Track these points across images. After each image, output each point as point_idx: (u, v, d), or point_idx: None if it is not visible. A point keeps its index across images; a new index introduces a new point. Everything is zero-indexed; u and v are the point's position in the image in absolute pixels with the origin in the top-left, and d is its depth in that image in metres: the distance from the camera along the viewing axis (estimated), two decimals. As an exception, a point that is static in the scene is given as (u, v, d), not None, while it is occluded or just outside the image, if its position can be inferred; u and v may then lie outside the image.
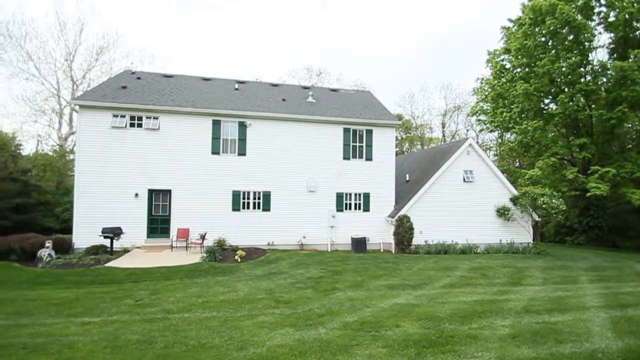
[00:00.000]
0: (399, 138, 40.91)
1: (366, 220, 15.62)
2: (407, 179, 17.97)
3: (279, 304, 6.95)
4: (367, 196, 15.77)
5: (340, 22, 57.28)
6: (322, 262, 11.92)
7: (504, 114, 23.64)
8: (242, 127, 14.92)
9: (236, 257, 12.10)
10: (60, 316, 6.17)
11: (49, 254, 11.17)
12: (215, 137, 14.68)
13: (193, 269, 10.43)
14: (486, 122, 27.99)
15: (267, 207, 14.91)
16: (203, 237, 13.15)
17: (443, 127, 41.40)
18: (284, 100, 16.92)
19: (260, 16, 56.54)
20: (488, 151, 34.50)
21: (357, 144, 15.92)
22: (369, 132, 16.01)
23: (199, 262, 11.25)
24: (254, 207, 14.87)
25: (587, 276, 10.81)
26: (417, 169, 18.62)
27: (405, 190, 16.81)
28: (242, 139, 14.91)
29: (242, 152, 14.87)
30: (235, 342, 4.87)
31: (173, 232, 13.91)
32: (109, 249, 12.44)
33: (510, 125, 24.08)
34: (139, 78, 16.80)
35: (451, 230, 15.35)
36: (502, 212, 15.84)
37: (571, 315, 6.30)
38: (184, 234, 13.67)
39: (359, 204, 15.76)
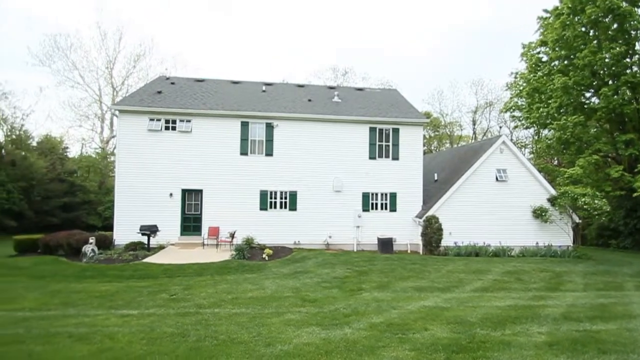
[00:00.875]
0: (427, 136, 39.91)
1: (393, 221, 15.42)
2: (436, 178, 17.52)
3: (305, 303, 7.03)
4: (393, 196, 15.55)
5: (366, 20, 56.82)
6: (348, 262, 11.91)
7: (541, 109, 22.36)
8: (269, 128, 15.21)
9: (264, 256, 12.36)
10: (102, 308, 6.61)
11: (92, 250, 11.99)
12: (244, 139, 15.07)
13: (223, 266, 10.78)
14: (521, 119, 26.62)
15: (293, 207, 15.11)
16: (232, 236, 13.55)
17: (474, 125, 39.89)
18: (309, 100, 17.05)
19: (288, 18, 57.27)
20: (523, 149, 32.81)
21: (384, 143, 15.74)
22: (396, 131, 15.77)
23: (228, 260, 11.62)
24: (281, 207, 15.12)
25: (633, 282, 10.02)
26: (446, 168, 18.11)
27: (433, 190, 16.41)
28: (269, 140, 15.20)
29: (269, 153, 15.16)
30: (263, 338, 4.98)
31: (204, 230, 14.45)
32: (146, 246, 13.14)
33: (547, 121, 22.74)
34: (173, 83, 17.60)
35: (483, 232, 14.78)
36: (539, 213, 15.03)
37: (616, 324, 5.88)
38: (214, 232, 14.16)
39: (386, 203, 15.57)
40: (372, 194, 15.55)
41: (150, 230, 13.15)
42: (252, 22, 57.00)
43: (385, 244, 14.46)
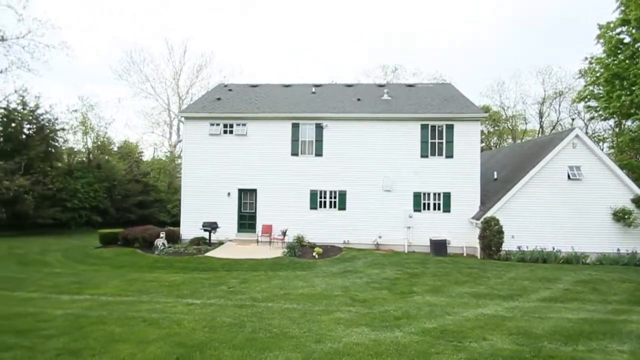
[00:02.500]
0: (485, 132, 37.18)
1: (447, 222, 14.69)
2: (495, 177, 16.30)
3: (355, 302, 7.05)
4: (447, 196, 14.81)
5: (417, 13, 54.73)
6: (398, 263, 11.65)
7: (623, 97, 19.52)
8: (319, 128, 15.46)
9: (314, 254, 12.62)
10: (171, 296, 7.32)
11: (163, 243, 13.32)
12: (295, 139, 15.52)
13: (275, 263, 11.25)
14: (598, 109, 23.47)
15: (342, 206, 15.18)
16: (284, 234, 14.06)
17: (541, 117, 36.17)
18: (358, 100, 16.98)
19: (336, 18, 57.50)
20: (601, 143, 28.98)
21: (436, 141, 15.07)
22: (450, 128, 14.99)
23: (280, 257, 12.08)
24: (330, 206, 15.28)
25: None
26: (507, 165, 16.75)
27: (493, 189, 15.29)
28: (319, 140, 15.45)
29: (319, 153, 15.42)
30: (314, 334, 5.12)
31: (258, 228, 15.20)
32: (207, 241, 14.24)
33: (631, 111, 19.81)
34: (230, 90, 18.80)
35: (551, 236, 13.41)
36: (621, 216, 13.20)
37: None
38: (267, 230, 14.82)
39: (439, 204, 14.89)
40: (424, 194, 14.98)
41: (211, 226, 14.23)
42: (300, 26, 58.28)
43: (439, 246, 13.84)
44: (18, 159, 20.60)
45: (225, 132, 15.77)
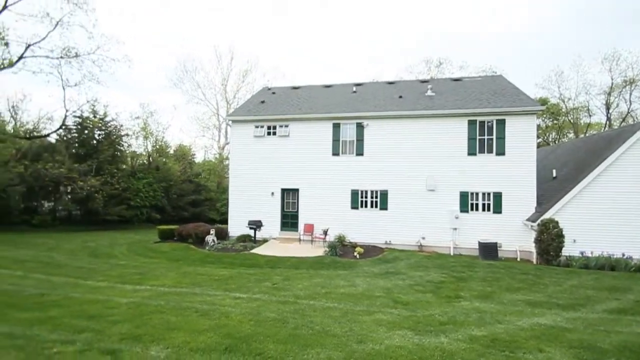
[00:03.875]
0: (542, 126, 34.17)
1: (497, 223, 13.79)
2: (554, 175, 14.96)
3: (397, 304, 6.92)
4: (498, 196, 13.90)
5: (463, 2, 51.87)
6: (443, 266, 11.19)
7: None
8: (360, 128, 15.37)
9: (355, 254, 12.59)
10: (220, 290, 7.76)
11: (213, 240, 14.18)
12: (335, 139, 15.60)
13: (317, 261, 11.41)
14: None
15: (384, 206, 14.94)
16: (325, 233, 14.21)
17: (608, 109, 32.34)
18: (400, 97, 16.58)
19: (374, 15, 56.58)
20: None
21: (485, 137, 14.20)
22: (501, 123, 14.05)
23: (322, 256, 12.23)
24: (372, 206, 15.12)
25: None
26: (568, 162, 15.28)
27: (551, 189, 14.05)
28: (360, 140, 15.36)
29: (359, 152, 15.33)
30: (355, 334, 5.13)
31: (300, 226, 15.52)
32: (252, 238, 14.88)
33: None
34: (273, 93, 19.42)
35: (621, 241, 12.00)
36: None
37: None
38: (309, 228, 15.07)
39: (488, 204, 14.03)
40: (472, 194, 14.20)
41: (256, 224, 14.85)
42: (340, 26, 58.20)
43: (488, 250, 13.04)
44: (90, 162, 23.20)
45: (268, 133, 16.33)
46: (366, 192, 15.23)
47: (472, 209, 14.19)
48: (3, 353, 3.98)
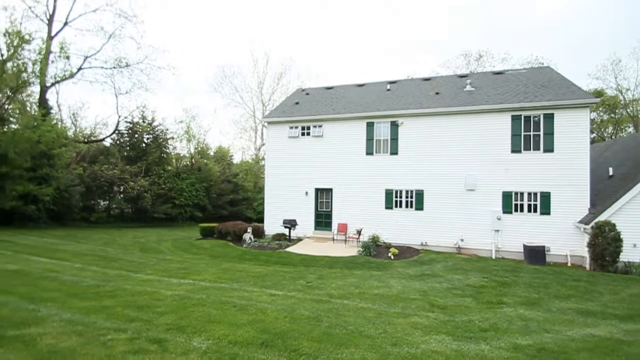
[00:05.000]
0: (597, 121, 31.24)
1: (545, 226, 12.88)
2: (611, 173, 13.66)
3: (434, 308, 6.73)
4: (546, 196, 12.96)
5: (507, -10, 48.83)
6: (484, 269, 10.68)
7: None
8: (394, 126, 15.09)
9: (389, 254, 12.40)
10: (256, 286, 8.02)
11: (250, 238, 14.68)
12: (369, 139, 15.45)
13: (351, 261, 11.39)
14: None
15: (420, 206, 14.54)
16: (359, 233, 14.14)
17: (677, 99, 28.85)
18: (436, 93, 16.04)
19: (407, 11, 55.06)
20: None
21: (531, 133, 13.31)
22: (549, 117, 13.09)
23: (355, 256, 12.19)
24: (407, 206, 14.78)
25: None
26: (628, 159, 13.88)
27: (607, 188, 12.85)
28: (394, 138, 15.08)
29: (394, 152, 15.06)
30: (389, 336, 5.06)
31: (334, 226, 15.58)
32: (287, 237, 15.19)
33: None
34: (307, 94, 19.67)
35: (696, 247, 10.68)
36: None
37: None
38: (342, 228, 15.08)
39: (535, 205, 13.13)
40: (516, 194, 13.37)
41: (290, 223, 15.14)
42: (373, 25, 57.36)
43: (535, 253, 12.21)
44: (139, 163, 25.03)
45: (303, 134, 16.56)
46: (401, 191, 14.92)
47: (516, 210, 13.36)
48: (65, 337, 4.43)
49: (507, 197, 13.43)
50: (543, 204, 13.00)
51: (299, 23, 58.02)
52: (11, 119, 19.41)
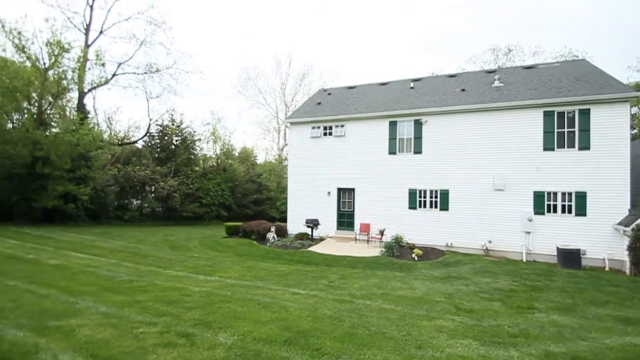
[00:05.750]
0: (639, 115, 29.06)
1: (580, 227, 12.17)
2: (657, 172, 12.71)
3: (460, 312, 6.55)
4: (581, 196, 12.26)
5: (538, -20, 46.49)
6: (514, 273, 10.26)
7: None
8: (418, 125, 14.80)
9: (413, 255, 12.19)
10: (279, 285, 8.14)
11: (273, 237, 14.91)
12: (392, 138, 15.25)
13: (373, 262, 11.30)
14: None
15: (445, 207, 14.18)
16: (382, 233, 14.00)
17: None
18: (462, 90, 15.57)
19: (431, 7, 53.71)
20: None
21: (565, 130, 12.63)
22: (584, 113, 12.37)
23: (378, 256, 12.07)
24: (431, 206, 14.46)
25: None
26: (676, 157, 12.86)
27: (652, 188, 11.97)
28: (418, 137, 14.80)
29: (417, 151, 14.77)
30: (413, 339, 4.99)
31: (356, 226, 15.51)
32: (310, 236, 15.30)
33: None
34: (329, 94, 19.70)
35: None
36: None
37: None
38: (365, 228, 14.99)
39: (569, 205, 12.44)
40: (549, 194, 12.73)
41: (313, 223, 15.24)
42: (395, 22, 56.44)
43: (569, 257, 11.57)
44: (169, 164, 26.07)
45: (325, 134, 16.60)
46: (425, 191, 14.61)
47: (549, 211, 12.72)
48: (101, 329, 4.70)
49: (539, 197, 12.82)
50: (578, 204, 12.30)
51: (321, 23, 58.15)
52: (52, 123, 20.82)
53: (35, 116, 19.19)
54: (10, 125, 18.93)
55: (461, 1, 51.64)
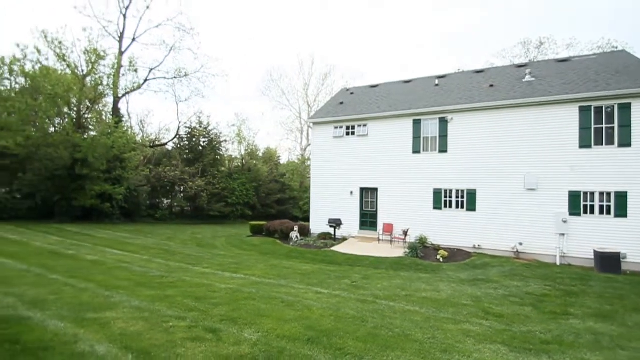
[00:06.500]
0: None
1: (620, 229, 11.40)
2: None
3: (488, 316, 6.33)
4: (622, 196, 11.47)
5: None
6: (547, 277, 9.78)
7: None
8: (443, 123, 14.43)
9: (438, 257, 11.91)
10: (302, 284, 8.22)
11: (296, 236, 15.07)
12: (416, 137, 14.96)
13: (397, 262, 11.15)
14: None
15: (472, 207, 13.73)
16: (405, 233, 13.78)
17: None
18: (491, 86, 15.01)
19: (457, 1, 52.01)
20: None
21: (604, 126, 11.87)
22: (624, 108, 11.57)
23: (402, 257, 11.89)
24: (457, 207, 14.05)
25: None
26: None
27: None
28: (443, 136, 14.42)
29: (443, 149, 14.40)
30: (439, 342, 4.88)
31: (379, 226, 15.35)
32: (332, 236, 15.32)
33: None
34: (352, 93, 19.63)
35: None
36: None
37: None
38: (388, 228, 14.80)
39: (608, 206, 11.69)
40: (585, 194, 12.02)
41: (335, 223, 15.25)
42: (420, 19, 55.19)
43: (607, 261, 10.86)
44: (197, 165, 26.98)
45: (347, 133, 16.56)
46: (450, 191, 14.22)
47: (585, 212, 12.01)
48: (134, 322, 4.94)
49: (574, 197, 12.14)
50: (618, 205, 11.53)
51: (343, 22, 57.96)
52: (90, 127, 22.10)
53: (74, 120, 20.46)
54: (52, 129, 20.28)
55: (489, -7, 49.76)
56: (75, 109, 21.00)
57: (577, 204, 12.09)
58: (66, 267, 8.52)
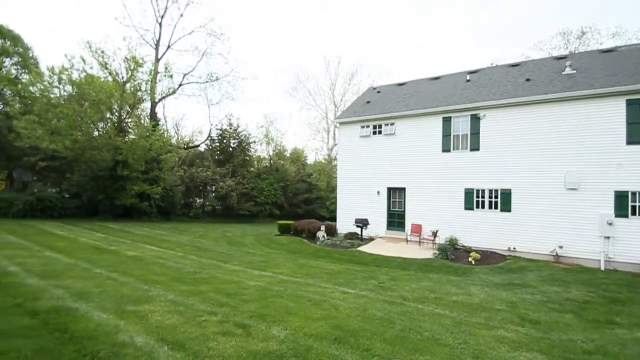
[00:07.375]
0: None
1: (679, 234, 10.42)
2: None
3: (524, 322, 6.04)
4: (680, 197, 10.48)
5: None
6: (590, 282, 9.15)
7: None
8: (475, 120, 13.90)
9: (469, 259, 11.49)
10: (329, 283, 8.25)
11: (323, 236, 15.14)
12: (446, 135, 14.53)
13: (426, 264, 10.89)
14: None
15: (506, 207, 13.12)
16: (434, 234, 13.41)
17: None
18: (527, 80, 14.25)
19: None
20: None
21: (657, 121, 10.90)
22: (684, 100, 10.55)
23: (431, 258, 11.60)
24: (490, 207, 13.48)
25: None
26: None
27: None
28: (475, 133, 13.89)
29: (474, 147, 13.87)
30: (470, 348, 4.73)
31: (407, 226, 15.06)
32: (359, 236, 15.24)
33: None
34: (378, 92, 19.40)
35: None
36: None
37: None
38: (416, 229, 14.49)
39: (662, 208, 10.72)
40: (634, 194, 11.09)
41: (362, 223, 15.15)
42: (451, 14, 53.32)
43: (664, 267, 9.98)
44: (227, 165, 27.85)
45: (374, 133, 16.39)
46: (483, 191, 13.67)
47: (633, 213, 11.10)
48: (169, 316, 5.20)
49: (621, 197, 11.25)
50: (675, 206, 10.54)
51: (369, 21, 57.37)
52: (129, 130, 23.47)
53: (115, 124, 21.83)
54: (96, 133, 21.76)
55: (525, -18, 47.15)
56: (116, 113, 22.39)
57: (625, 204, 11.19)
58: (109, 262, 9.12)
